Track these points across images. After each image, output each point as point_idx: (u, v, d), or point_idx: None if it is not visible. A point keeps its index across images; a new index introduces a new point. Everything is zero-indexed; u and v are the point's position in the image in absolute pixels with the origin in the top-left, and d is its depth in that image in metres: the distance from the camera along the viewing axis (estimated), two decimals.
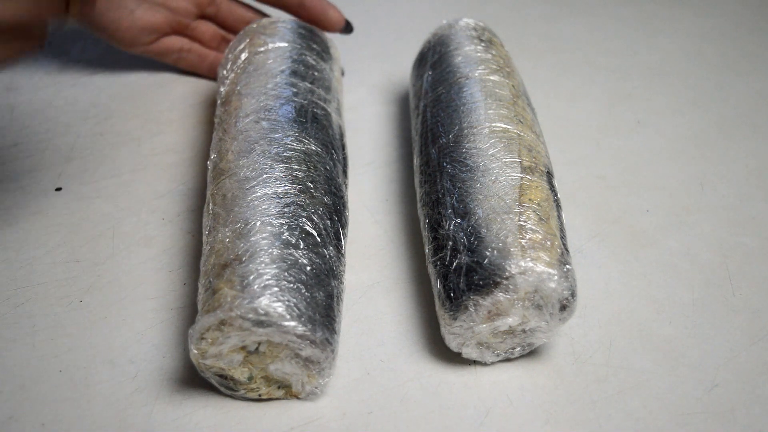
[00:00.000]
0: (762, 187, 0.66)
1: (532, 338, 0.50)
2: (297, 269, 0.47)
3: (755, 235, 0.61)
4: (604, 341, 0.53)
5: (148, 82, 0.77)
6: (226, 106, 0.59)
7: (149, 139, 0.70)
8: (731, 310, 0.55)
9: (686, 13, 0.91)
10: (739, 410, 0.49)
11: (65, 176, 0.65)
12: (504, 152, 0.53)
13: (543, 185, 0.52)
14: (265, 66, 0.61)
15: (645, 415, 0.48)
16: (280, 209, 0.50)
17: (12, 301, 0.54)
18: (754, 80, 0.80)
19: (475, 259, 0.48)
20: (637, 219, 0.63)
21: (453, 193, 0.52)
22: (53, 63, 0.79)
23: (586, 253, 0.59)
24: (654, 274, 0.58)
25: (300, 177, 0.52)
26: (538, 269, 0.46)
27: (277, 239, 0.48)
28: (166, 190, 0.64)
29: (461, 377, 0.50)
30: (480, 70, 0.61)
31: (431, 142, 0.58)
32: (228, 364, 0.46)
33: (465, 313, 0.48)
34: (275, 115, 0.56)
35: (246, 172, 0.52)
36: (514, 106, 0.58)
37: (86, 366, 0.50)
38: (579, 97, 0.77)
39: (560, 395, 0.49)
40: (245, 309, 0.44)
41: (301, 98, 0.59)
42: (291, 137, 0.55)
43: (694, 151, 0.70)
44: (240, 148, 0.54)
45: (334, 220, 0.52)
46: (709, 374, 0.51)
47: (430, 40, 0.68)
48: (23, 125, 0.71)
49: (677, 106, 0.76)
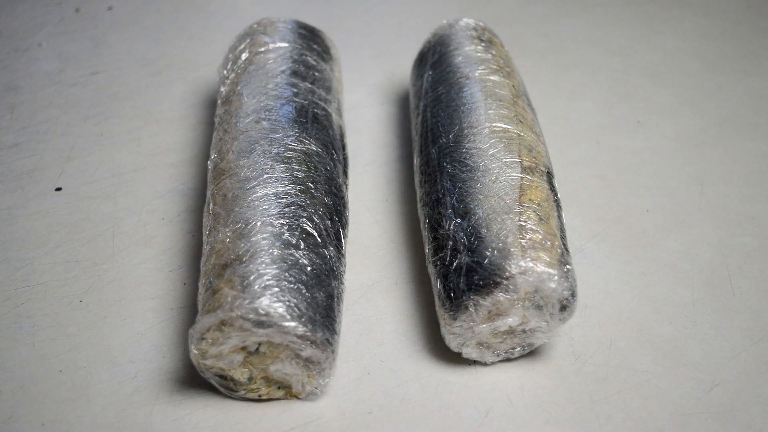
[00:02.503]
0: (762, 187, 0.66)
1: (532, 338, 0.50)
2: (297, 269, 0.47)
3: (755, 235, 0.61)
4: (604, 341, 0.53)
5: (148, 82, 0.77)
6: (227, 106, 0.59)
7: (149, 139, 0.70)
8: (731, 310, 0.55)
9: (686, 13, 0.91)
10: (739, 410, 0.49)
11: (65, 176, 0.65)
12: (504, 152, 0.53)
13: (543, 185, 0.52)
14: (266, 66, 0.61)
15: (645, 415, 0.48)
16: (281, 209, 0.50)
17: (12, 301, 0.54)
18: (754, 80, 0.80)
19: (475, 259, 0.48)
20: (637, 219, 0.63)
21: (453, 193, 0.52)
22: (53, 63, 0.79)
23: (586, 253, 0.59)
24: (654, 274, 0.58)
25: (300, 177, 0.52)
26: (539, 269, 0.46)
27: (277, 239, 0.48)
28: (166, 190, 0.64)
29: (461, 377, 0.50)
30: (480, 70, 0.61)
31: (431, 142, 0.58)
32: (228, 364, 0.46)
33: (465, 313, 0.47)
34: (276, 115, 0.56)
35: (246, 172, 0.52)
36: (515, 106, 0.58)
37: (86, 366, 0.50)
38: (579, 97, 0.77)
39: (560, 395, 0.49)
40: (246, 309, 0.44)
41: (302, 98, 0.59)
42: (291, 137, 0.55)
43: (694, 151, 0.70)
44: (240, 148, 0.54)
45: (335, 221, 0.52)
46: (709, 374, 0.51)
47: (430, 40, 0.68)
48: (23, 125, 0.71)
49: (677, 106, 0.76)
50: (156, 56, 0.80)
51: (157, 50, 0.82)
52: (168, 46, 0.82)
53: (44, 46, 0.81)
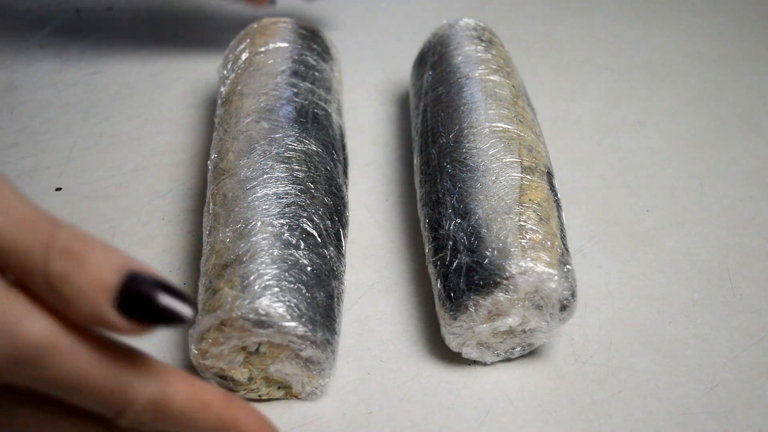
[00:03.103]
0: (762, 187, 0.66)
1: (532, 338, 0.50)
2: (298, 270, 0.47)
3: (755, 235, 0.61)
4: (604, 341, 0.53)
5: (148, 82, 0.77)
6: (227, 106, 0.59)
7: (149, 139, 0.70)
8: (731, 310, 0.55)
9: (686, 13, 0.91)
10: (739, 410, 0.49)
11: (65, 176, 0.65)
12: (504, 152, 0.53)
13: (543, 185, 0.52)
14: (266, 66, 0.61)
15: (645, 415, 0.48)
16: (281, 209, 0.50)
17: None
18: (754, 80, 0.80)
19: (475, 259, 0.48)
20: (637, 219, 0.63)
21: (453, 193, 0.52)
22: (53, 63, 0.79)
23: (586, 253, 0.59)
24: (654, 274, 0.58)
25: (301, 177, 0.52)
26: (539, 269, 0.46)
27: (277, 239, 0.48)
28: (166, 190, 0.64)
29: (461, 377, 0.50)
30: (480, 70, 0.61)
31: (431, 142, 0.58)
32: (228, 364, 0.46)
33: (465, 313, 0.48)
34: (276, 115, 0.56)
35: (247, 172, 0.52)
36: (515, 106, 0.58)
37: None
38: (579, 97, 0.77)
39: (560, 395, 0.49)
40: (246, 309, 0.44)
41: (302, 98, 0.59)
42: (292, 137, 0.55)
43: (694, 151, 0.70)
44: (240, 148, 0.54)
45: (335, 221, 0.52)
46: (709, 374, 0.51)
47: (430, 40, 0.68)
48: (23, 125, 0.71)
49: (677, 106, 0.76)
50: (156, 56, 0.80)
51: (157, 50, 0.82)
52: (168, 45, 0.82)
53: (44, 46, 0.81)
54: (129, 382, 0.33)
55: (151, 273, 0.32)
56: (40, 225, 0.31)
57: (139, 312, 0.31)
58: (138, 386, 0.33)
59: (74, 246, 0.31)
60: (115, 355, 0.33)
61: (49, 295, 0.30)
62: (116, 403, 0.33)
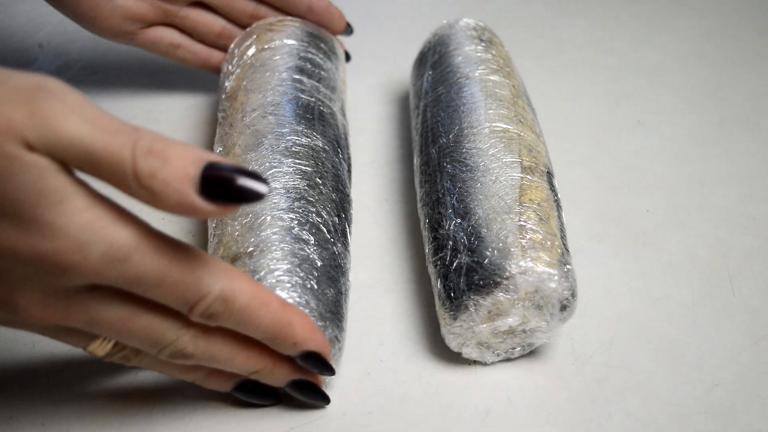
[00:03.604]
0: (762, 187, 0.66)
1: (532, 338, 0.50)
2: (308, 265, 0.47)
3: (755, 235, 0.61)
4: (604, 341, 0.53)
5: (148, 82, 0.77)
6: (232, 101, 0.59)
7: None
8: (731, 310, 0.55)
9: (686, 13, 0.91)
10: (739, 410, 0.49)
11: None
12: (504, 152, 0.53)
13: (543, 185, 0.52)
14: (272, 62, 0.61)
15: (645, 415, 0.48)
16: (290, 204, 0.49)
17: None
18: (754, 80, 0.80)
19: (475, 259, 0.48)
20: (637, 219, 0.63)
21: (453, 192, 0.52)
22: (53, 63, 0.79)
23: (586, 253, 0.59)
24: (654, 274, 0.58)
25: (308, 172, 0.52)
26: (539, 269, 0.46)
27: (287, 234, 0.48)
28: None
29: (461, 377, 0.50)
30: (480, 70, 0.61)
31: (431, 142, 0.58)
32: None
33: (465, 313, 0.48)
34: (282, 111, 0.56)
35: (254, 166, 0.52)
36: (515, 106, 0.58)
37: (86, 366, 0.50)
38: (579, 97, 0.77)
39: (560, 395, 0.49)
40: None
41: (308, 95, 0.59)
42: (299, 133, 0.55)
43: (694, 151, 0.70)
44: (247, 142, 0.54)
45: (342, 217, 0.52)
46: (709, 374, 0.51)
47: (430, 40, 0.68)
48: None
49: (677, 106, 0.76)
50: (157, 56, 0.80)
51: None
52: None
53: (44, 46, 0.81)
54: (202, 278, 0.37)
55: (227, 161, 0.36)
56: (123, 131, 0.34)
57: (220, 194, 0.35)
58: (209, 281, 0.37)
59: (156, 146, 0.34)
60: (190, 255, 0.37)
61: (140, 191, 0.35)
62: (191, 296, 0.37)
